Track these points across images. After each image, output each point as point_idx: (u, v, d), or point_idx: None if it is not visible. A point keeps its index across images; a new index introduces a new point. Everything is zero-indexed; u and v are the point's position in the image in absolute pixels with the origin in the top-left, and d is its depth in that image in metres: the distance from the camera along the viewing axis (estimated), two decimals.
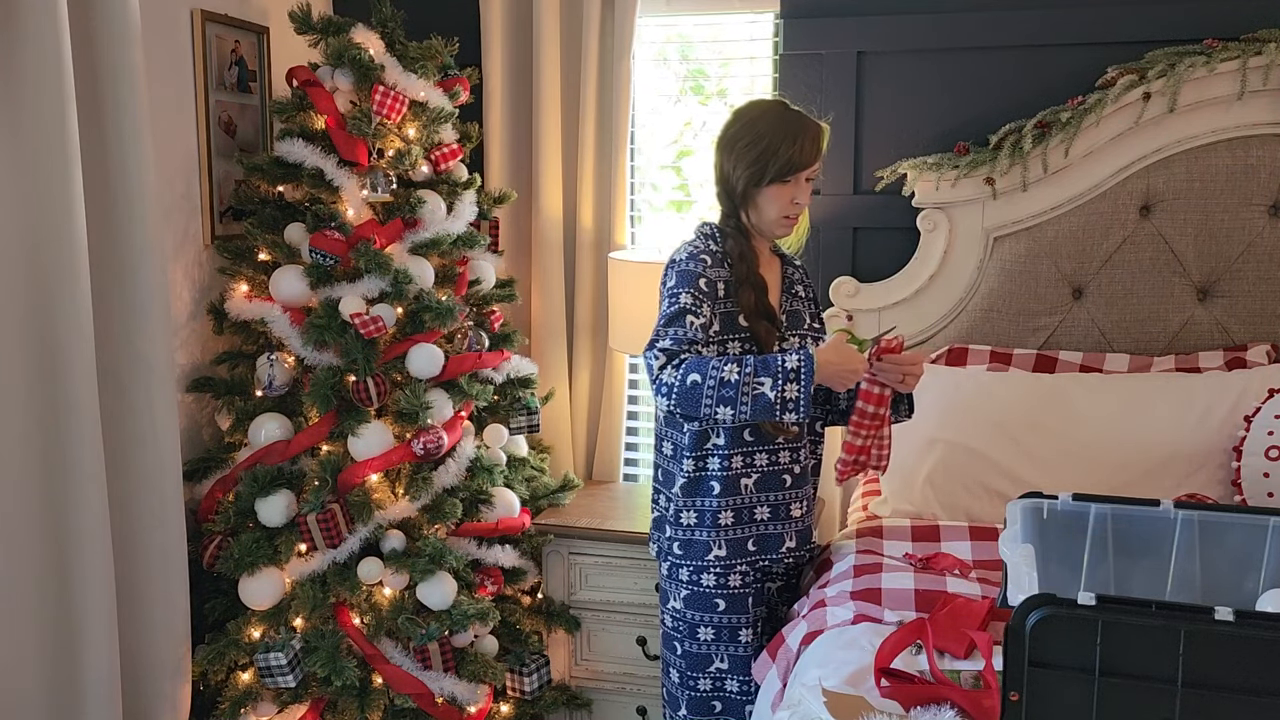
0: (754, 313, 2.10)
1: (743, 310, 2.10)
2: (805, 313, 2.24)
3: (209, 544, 2.49)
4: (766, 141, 2.06)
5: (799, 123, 2.08)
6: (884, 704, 1.56)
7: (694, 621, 2.18)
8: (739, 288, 2.10)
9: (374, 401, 2.45)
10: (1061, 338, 2.67)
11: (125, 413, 2.29)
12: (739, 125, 2.11)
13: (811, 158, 2.08)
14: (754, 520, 2.16)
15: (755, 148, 2.07)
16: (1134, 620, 1.29)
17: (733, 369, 1.92)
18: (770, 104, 2.14)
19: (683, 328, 2.02)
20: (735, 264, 2.11)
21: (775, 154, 2.06)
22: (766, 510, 2.16)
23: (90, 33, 2.16)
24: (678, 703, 2.25)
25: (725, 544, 2.15)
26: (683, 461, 2.16)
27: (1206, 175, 2.56)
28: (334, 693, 2.44)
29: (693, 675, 2.20)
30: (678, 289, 2.07)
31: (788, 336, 2.18)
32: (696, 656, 2.19)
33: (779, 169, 2.06)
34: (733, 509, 2.14)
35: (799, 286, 2.26)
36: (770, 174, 2.07)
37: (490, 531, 2.64)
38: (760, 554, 2.17)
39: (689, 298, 2.05)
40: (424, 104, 2.62)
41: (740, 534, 2.15)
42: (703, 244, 2.14)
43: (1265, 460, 2.22)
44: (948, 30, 2.75)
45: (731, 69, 3.05)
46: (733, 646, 2.18)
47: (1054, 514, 1.77)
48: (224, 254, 2.63)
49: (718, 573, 2.15)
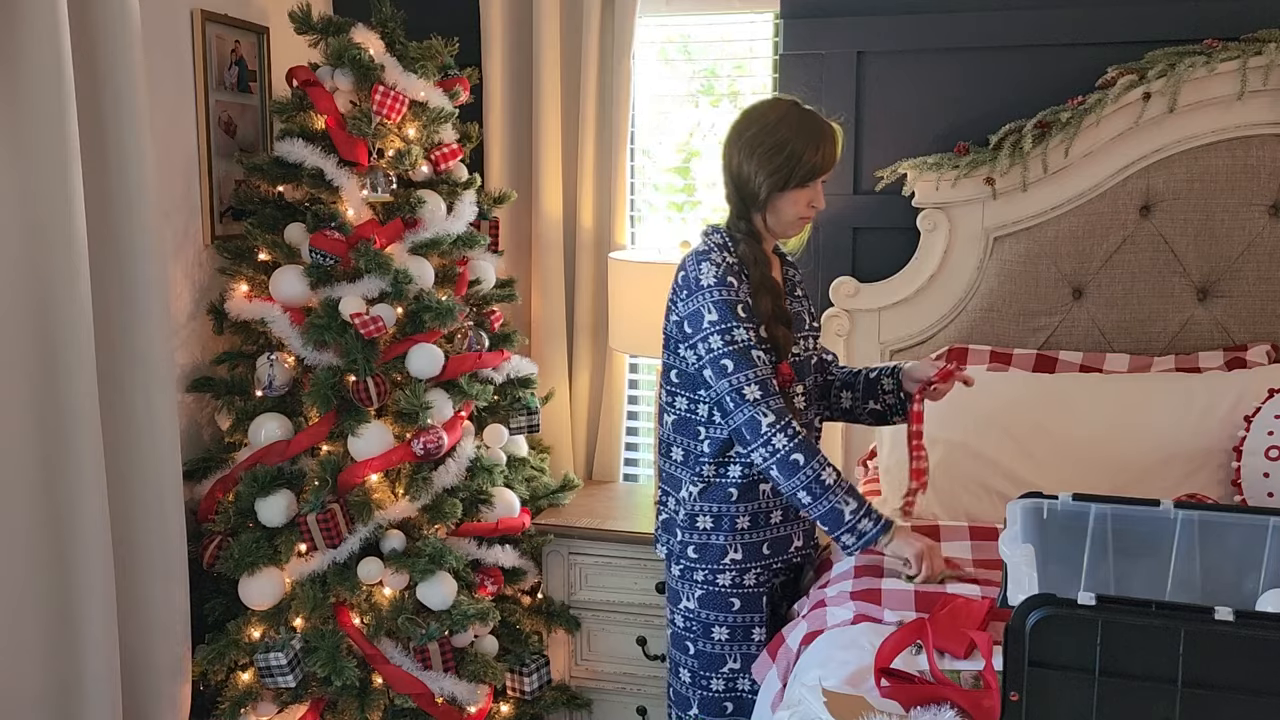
0: (772, 318, 2.08)
1: (761, 318, 2.07)
2: (806, 314, 2.24)
3: (209, 544, 2.49)
4: (791, 147, 2.03)
5: (820, 127, 2.07)
6: (884, 704, 1.56)
7: (708, 621, 2.18)
8: (756, 295, 2.08)
9: (374, 401, 2.45)
10: (1061, 338, 2.67)
11: (125, 413, 2.29)
12: (757, 128, 2.07)
13: (833, 161, 2.08)
14: (769, 524, 2.17)
15: (779, 153, 2.03)
16: (1134, 620, 1.29)
17: (831, 473, 2.00)
18: (787, 105, 2.10)
19: (756, 366, 2.00)
20: (751, 270, 2.09)
21: (800, 159, 2.03)
22: (780, 514, 2.18)
23: (90, 33, 2.16)
24: (687, 703, 2.24)
25: (741, 548, 2.15)
26: (699, 467, 2.15)
27: (1206, 175, 2.56)
28: (334, 693, 2.44)
29: (705, 675, 2.20)
30: (727, 324, 2.01)
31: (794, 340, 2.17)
32: (710, 656, 2.19)
33: (804, 174, 2.04)
34: (750, 514, 2.15)
35: (799, 289, 2.27)
36: (795, 179, 2.04)
37: (490, 531, 2.64)
38: (773, 556, 2.19)
39: (743, 332, 2.02)
40: (424, 104, 2.62)
41: (756, 538, 2.16)
42: (719, 257, 2.06)
43: (1265, 460, 2.22)
44: (948, 30, 2.75)
45: (744, 69, 3.05)
46: (745, 645, 2.18)
47: (1054, 514, 1.77)
48: (224, 254, 2.63)
49: (734, 574, 2.16)
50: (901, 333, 2.78)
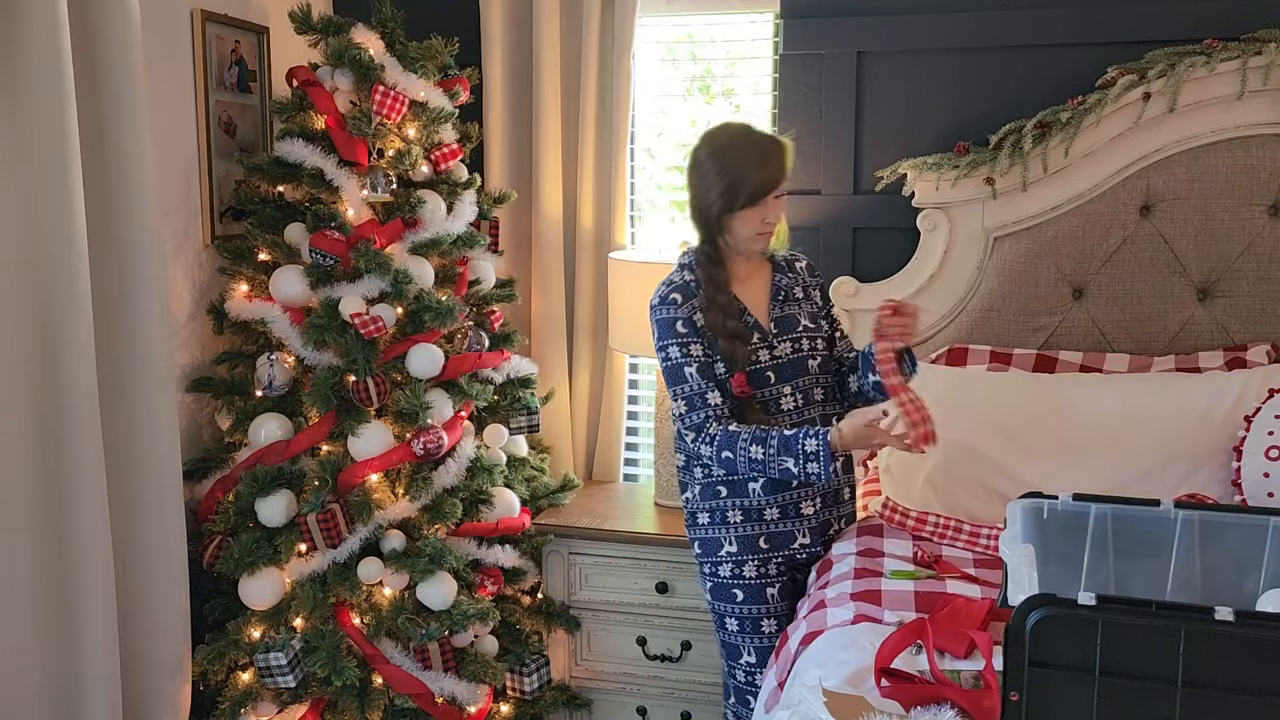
0: (722, 332, 2.15)
1: (712, 332, 2.16)
2: (801, 314, 2.25)
3: (209, 544, 2.49)
4: (735, 170, 2.11)
5: (764, 148, 2.12)
6: (884, 704, 1.56)
7: (721, 613, 2.28)
8: (707, 312, 2.17)
9: (374, 401, 2.45)
10: (1061, 338, 2.67)
11: (125, 413, 2.29)
12: (705, 153, 2.16)
13: (778, 179, 2.13)
14: (763, 520, 2.23)
15: (725, 177, 2.11)
16: (1134, 620, 1.29)
17: (758, 449, 2.06)
18: (734, 130, 2.17)
19: (684, 383, 2.14)
20: (705, 288, 2.18)
21: (743, 181, 2.11)
22: (776, 510, 2.22)
23: (90, 32, 2.16)
24: (728, 690, 2.37)
25: (735, 540, 2.23)
26: (694, 470, 2.27)
27: (1206, 175, 2.56)
28: (334, 693, 2.44)
29: (731, 665, 2.32)
30: (663, 343, 2.17)
31: (776, 344, 2.21)
32: (730, 647, 2.30)
33: (748, 195, 2.11)
34: (741, 509, 2.23)
35: (798, 289, 2.28)
36: (741, 200, 2.12)
37: (490, 531, 2.64)
38: (773, 550, 2.24)
39: (676, 349, 2.15)
40: (424, 104, 2.62)
41: (750, 531, 2.23)
42: (678, 277, 2.20)
43: (1265, 460, 2.22)
44: (948, 30, 2.75)
45: (738, 69, 3.05)
46: (756, 638, 2.25)
47: (1054, 514, 1.77)
48: (224, 254, 2.63)
49: (731, 566, 2.24)
50: None
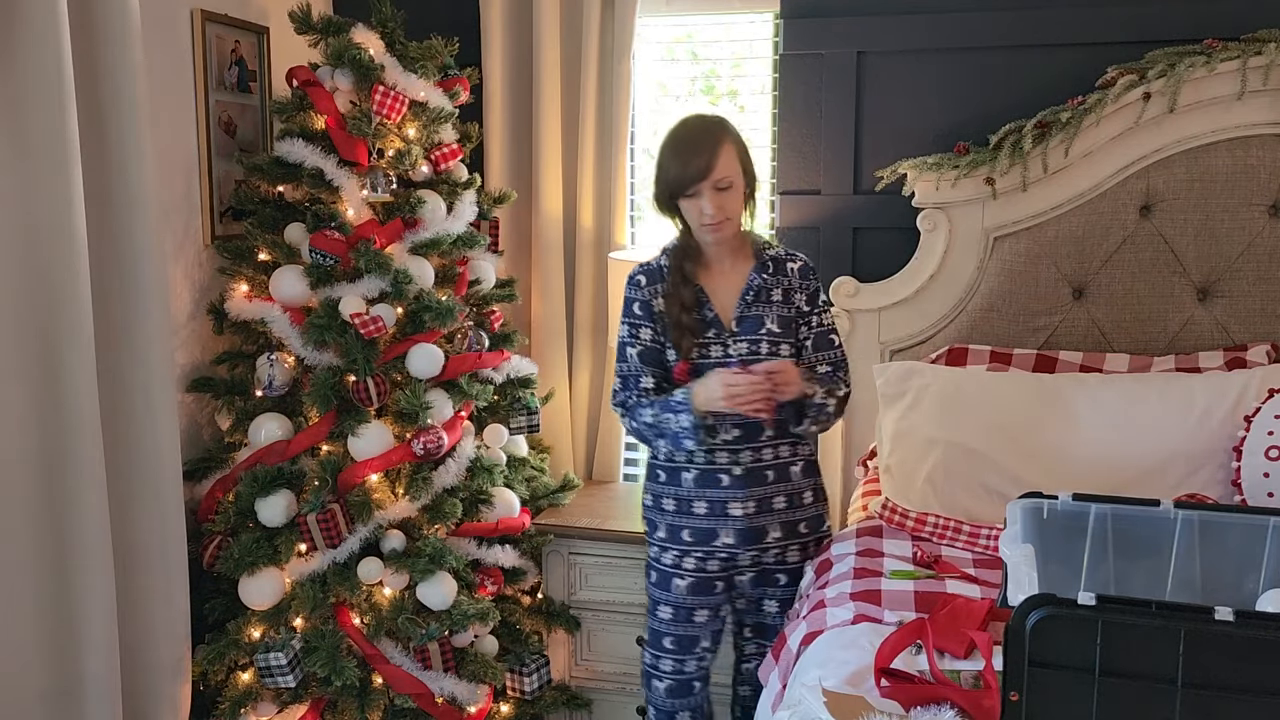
0: (674, 323, 2.19)
1: (668, 319, 2.20)
2: (770, 317, 2.22)
3: (209, 544, 2.49)
4: (663, 163, 2.17)
5: (688, 141, 2.14)
6: (884, 704, 1.56)
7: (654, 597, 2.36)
8: (667, 299, 2.20)
9: (374, 401, 2.45)
10: (1061, 338, 2.67)
11: (125, 413, 2.29)
12: (660, 144, 2.20)
13: (700, 174, 2.11)
14: (691, 513, 2.26)
15: (659, 169, 2.18)
16: (1134, 620, 1.29)
17: (648, 412, 2.17)
18: (678, 123, 2.20)
19: (624, 362, 2.24)
20: (671, 275, 2.22)
21: (668, 173, 2.15)
22: (704, 506, 2.25)
23: (90, 33, 2.16)
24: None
25: (665, 527, 2.30)
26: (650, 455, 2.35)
27: (1206, 175, 2.56)
28: (334, 693, 2.44)
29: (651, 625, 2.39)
30: (622, 318, 2.26)
31: (732, 342, 2.19)
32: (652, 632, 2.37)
33: (675, 187, 2.15)
34: (674, 498, 2.28)
35: (776, 291, 2.24)
36: (672, 191, 2.15)
37: (490, 531, 2.64)
38: (695, 544, 2.27)
39: (625, 329, 2.24)
40: (424, 104, 2.62)
41: (679, 522, 2.28)
42: (654, 259, 2.26)
43: (1265, 460, 2.22)
44: (948, 30, 2.75)
45: (743, 69, 3.05)
46: (653, 619, 2.34)
47: (1054, 514, 1.77)
48: (224, 254, 2.63)
49: (656, 549, 2.33)
50: (902, 333, 2.78)
